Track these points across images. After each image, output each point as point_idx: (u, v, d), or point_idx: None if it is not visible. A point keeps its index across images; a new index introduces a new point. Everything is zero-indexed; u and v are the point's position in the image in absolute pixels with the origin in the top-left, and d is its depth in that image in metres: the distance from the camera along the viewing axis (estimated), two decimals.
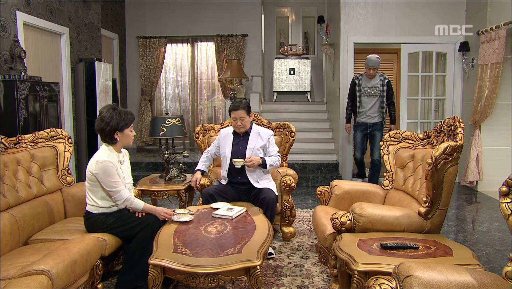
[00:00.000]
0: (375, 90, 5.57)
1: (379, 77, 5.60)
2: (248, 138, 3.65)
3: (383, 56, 8.61)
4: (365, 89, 5.63)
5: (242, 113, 3.56)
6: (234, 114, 3.57)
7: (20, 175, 3.01)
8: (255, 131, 3.68)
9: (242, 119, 3.57)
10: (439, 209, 2.68)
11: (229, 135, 3.71)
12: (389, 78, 5.61)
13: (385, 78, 5.59)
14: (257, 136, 3.65)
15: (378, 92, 5.58)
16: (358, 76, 5.73)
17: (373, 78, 5.60)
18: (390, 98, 5.64)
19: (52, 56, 5.47)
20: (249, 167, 3.50)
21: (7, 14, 4.42)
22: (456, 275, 1.59)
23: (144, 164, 6.88)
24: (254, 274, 2.24)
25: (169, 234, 2.63)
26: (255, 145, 3.61)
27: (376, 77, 5.60)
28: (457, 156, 2.60)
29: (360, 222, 2.66)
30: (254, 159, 3.47)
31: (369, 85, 5.61)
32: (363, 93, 5.64)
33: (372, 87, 5.58)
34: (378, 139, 5.64)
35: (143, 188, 3.88)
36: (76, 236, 2.74)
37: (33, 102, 4.23)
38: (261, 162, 3.52)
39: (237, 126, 3.60)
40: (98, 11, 6.65)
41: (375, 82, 5.60)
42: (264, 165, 3.53)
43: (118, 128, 2.84)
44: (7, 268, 2.25)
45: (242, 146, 3.65)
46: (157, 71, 8.48)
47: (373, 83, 5.60)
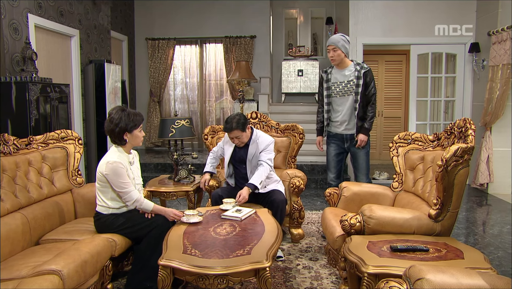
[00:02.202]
0: (348, 86, 3.96)
1: (353, 67, 3.95)
2: (248, 149, 3.59)
3: (392, 58, 8.61)
4: (336, 86, 4.00)
5: (237, 133, 3.45)
6: (230, 135, 3.50)
7: (31, 175, 3.05)
8: (255, 142, 3.56)
9: (239, 138, 3.49)
10: (449, 211, 2.66)
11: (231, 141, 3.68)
12: (369, 67, 3.97)
13: (362, 68, 3.91)
14: (256, 147, 3.55)
15: (352, 88, 3.95)
16: (327, 69, 4.12)
17: (345, 68, 3.97)
18: (369, 97, 3.94)
19: (62, 58, 5.52)
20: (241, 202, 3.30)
21: (19, 17, 4.48)
22: (468, 278, 1.57)
23: (153, 165, 6.91)
24: (263, 275, 2.24)
25: (179, 235, 2.64)
26: (255, 152, 3.55)
27: (349, 67, 3.96)
28: (468, 158, 2.58)
29: (370, 224, 2.64)
30: (243, 193, 3.30)
31: (340, 79, 3.99)
32: (334, 91, 4.01)
33: (345, 83, 3.97)
34: (362, 159, 4.07)
35: (152, 189, 3.90)
36: (86, 236, 2.76)
37: (44, 103, 4.27)
38: (251, 189, 3.35)
39: (235, 143, 3.56)
40: (107, 13, 6.71)
41: (348, 74, 3.95)
42: (255, 188, 3.38)
43: (127, 129, 2.86)
44: (19, 267, 2.28)
45: (241, 154, 3.61)
46: (165, 72, 8.52)
47: (345, 76, 3.97)
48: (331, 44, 3.88)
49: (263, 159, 3.50)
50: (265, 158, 3.51)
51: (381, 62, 8.59)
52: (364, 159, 4.06)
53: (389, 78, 8.69)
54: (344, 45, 3.86)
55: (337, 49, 3.85)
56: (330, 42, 3.89)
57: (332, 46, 3.86)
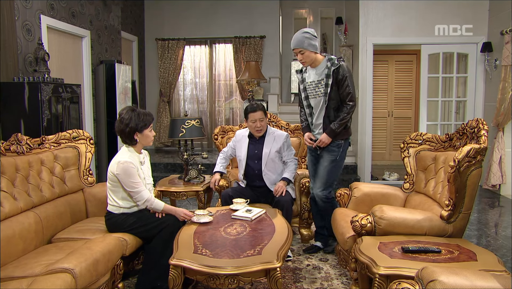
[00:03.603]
0: (319, 86, 3.38)
1: (325, 63, 3.35)
2: (264, 142, 3.64)
3: (402, 58, 8.54)
4: (310, 86, 3.46)
5: (261, 114, 3.57)
6: (252, 117, 3.56)
7: (44, 175, 3.08)
8: (271, 135, 3.67)
9: (262, 120, 3.58)
10: (462, 212, 2.63)
11: (245, 138, 3.71)
12: (341, 63, 3.29)
13: (333, 64, 3.28)
14: (273, 140, 3.64)
15: (322, 88, 3.35)
16: (302, 68, 3.60)
17: (318, 66, 3.39)
18: (343, 96, 3.32)
19: (73, 58, 5.58)
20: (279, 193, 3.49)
21: (32, 18, 4.53)
22: (482, 280, 1.55)
23: (163, 165, 6.94)
24: (274, 276, 2.24)
25: (189, 234, 2.65)
26: (271, 149, 3.61)
27: (322, 64, 3.37)
28: (481, 159, 2.55)
29: (381, 225, 2.62)
30: (280, 185, 3.51)
31: (312, 78, 3.43)
32: (310, 93, 3.48)
33: (315, 83, 3.40)
34: (323, 166, 3.44)
35: (163, 188, 3.92)
36: (97, 235, 2.79)
37: (56, 103, 4.32)
38: (287, 182, 3.57)
39: (256, 128, 3.59)
40: (118, 14, 6.76)
41: (319, 72, 3.38)
42: (289, 182, 3.59)
43: (138, 129, 2.88)
44: (32, 265, 2.31)
45: (258, 149, 3.65)
46: (175, 73, 8.55)
47: (316, 75, 3.40)
48: (295, 47, 3.32)
49: (290, 157, 3.67)
50: (290, 156, 3.68)
51: (391, 62, 8.53)
52: (325, 166, 3.40)
53: (399, 79, 8.62)
54: (310, 43, 3.27)
55: (304, 50, 3.28)
56: (294, 45, 3.32)
57: (298, 49, 3.31)
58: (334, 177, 3.46)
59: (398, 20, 6.31)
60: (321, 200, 3.44)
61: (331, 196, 3.48)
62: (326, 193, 3.43)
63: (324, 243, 3.64)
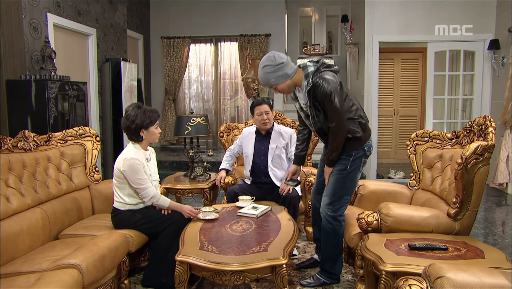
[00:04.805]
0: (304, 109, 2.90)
1: (304, 82, 2.76)
2: (270, 138, 3.65)
3: (408, 56, 8.49)
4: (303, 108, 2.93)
5: (267, 107, 3.58)
6: (259, 109, 3.58)
7: (50, 171, 3.10)
8: (277, 131, 3.68)
9: (267, 113, 3.58)
10: (469, 210, 2.61)
11: (252, 134, 3.72)
12: (314, 82, 2.67)
13: (309, 83, 2.70)
14: (279, 135, 3.65)
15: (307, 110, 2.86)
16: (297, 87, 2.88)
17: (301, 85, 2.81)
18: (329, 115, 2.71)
19: (80, 56, 5.60)
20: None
21: (39, 16, 4.55)
22: (490, 277, 1.54)
23: (168, 162, 6.96)
24: (280, 272, 2.24)
25: (195, 231, 2.66)
26: (277, 144, 3.62)
27: (303, 83, 2.78)
28: (488, 156, 2.53)
29: (387, 222, 2.61)
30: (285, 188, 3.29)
31: (302, 100, 2.89)
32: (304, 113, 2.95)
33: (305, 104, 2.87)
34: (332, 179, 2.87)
35: (168, 186, 3.93)
36: (104, 232, 2.80)
37: (62, 101, 4.34)
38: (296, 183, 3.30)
39: (262, 121, 3.59)
40: (124, 12, 6.77)
41: (304, 93, 2.80)
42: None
43: (143, 126, 2.89)
44: (39, 261, 2.32)
45: (264, 145, 3.65)
46: (180, 71, 8.56)
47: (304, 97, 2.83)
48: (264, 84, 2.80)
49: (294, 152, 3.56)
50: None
51: (397, 60, 8.48)
52: (332, 176, 2.87)
53: (405, 77, 8.58)
54: (277, 76, 2.71)
55: (275, 85, 2.77)
56: (262, 83, 2.82)
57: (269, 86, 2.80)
58: (343, 190, 2.83)
59: (404, 18, 6.27)
60: (325, 217, 2.85)
61: (337, 217, 2.82)
62: (332, 209, 2.81)
63: None
